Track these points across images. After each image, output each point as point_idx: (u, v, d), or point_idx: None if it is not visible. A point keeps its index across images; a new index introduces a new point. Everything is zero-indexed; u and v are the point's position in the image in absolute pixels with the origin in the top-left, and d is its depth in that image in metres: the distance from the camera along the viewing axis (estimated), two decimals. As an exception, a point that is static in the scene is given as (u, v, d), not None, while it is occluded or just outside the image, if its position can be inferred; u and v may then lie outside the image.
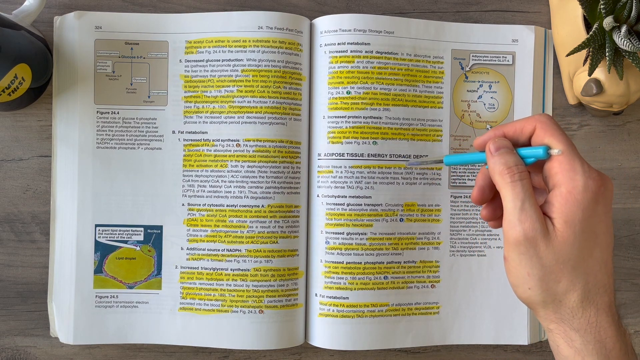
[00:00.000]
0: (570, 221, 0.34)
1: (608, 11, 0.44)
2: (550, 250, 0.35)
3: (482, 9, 0.53)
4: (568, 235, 0.34)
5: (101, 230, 0.50)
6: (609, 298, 0.35)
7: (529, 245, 0.35)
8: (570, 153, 0.36)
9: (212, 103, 0.50)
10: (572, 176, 0.35)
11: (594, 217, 0.35)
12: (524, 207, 0.35)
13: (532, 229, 0.35)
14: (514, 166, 0.36)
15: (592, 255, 0.35)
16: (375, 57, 0.50)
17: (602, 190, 0.35)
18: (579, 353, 0.35)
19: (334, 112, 0.49)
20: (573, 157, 0.36)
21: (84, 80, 0.50)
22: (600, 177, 0.35)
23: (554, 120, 0.37)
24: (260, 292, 0.49)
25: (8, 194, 0.51)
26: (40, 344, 0.51)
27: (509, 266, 0.36)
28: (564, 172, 0.35)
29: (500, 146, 0.37)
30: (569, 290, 0.35)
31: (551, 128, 0.36)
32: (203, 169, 0.50)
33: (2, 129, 0.51)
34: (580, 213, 0.34)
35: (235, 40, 0.49)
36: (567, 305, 0.35)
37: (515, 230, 0.35)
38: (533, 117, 0.38)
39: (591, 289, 0.35)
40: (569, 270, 0.35)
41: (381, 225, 0.50)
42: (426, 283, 0.51)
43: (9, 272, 0.51)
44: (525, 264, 0.35)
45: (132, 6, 0.52)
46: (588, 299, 0.35)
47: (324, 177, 0.50)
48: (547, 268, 0.35)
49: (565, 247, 0.34)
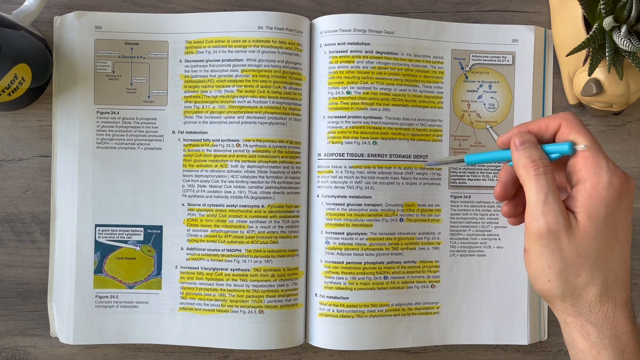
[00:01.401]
0: (593, 216, 0.35)
1: (608, 11, 0.44)
2: (572, 244, 0.35)
3: (482, 9, 0.53)
4: (591, 230, 0.35)
5: (101, 230, 0.50)
6: (626, 294, 0.35)
7: (552, 238, 0.35)
8: (596, 150, 0.36)
9: (212, 103, 0.50)
10: (597, 172, 0.35)
11: (616, 214, 0.35)
12: (547, 200, 0.35)
13: (555, 222, 0.35)
14: (539, 160, 0.36)
15: (613, 251, 0.35)
16: (375, 57, 0.50)
17: (626, 187, 0.35)
18: (595, 347, 0.35)
19: (334, 112, 0.49)
20: (598, 153, 0.36)
21: (84, 80, 0.50)
22: (624, 175, 0.36)
23: (579, 118, 0.38)
24: (260, 292, 0.49)
25: (8, 194, 0.51)
26: (40, 344, 0.51)
27: (530, 258, 0.37)
28: (588, 167, 0.36)
29: (525, 140, 0.38)
30: (589, 284, 0.35)
31: (576, 125, 0.37)
32: (203, 169, 0.50)
33: (2, 129, 0.51)
34: (603, 209, 0.35)
35: (235, 40, 0.49)
36: (586, 299, 0.35)
37: (539, 223, 0.35)
38: (558, 115, 0.38)
39: (610, 284, 0.35)
40: (590, 265, 0.35)
41: (381, 225, 0.50)
42: (426, 283, 0.51)
43: (9, 272, 0.51)
44: (547, 256, 0.36)
45: (132, 6, 0.52)
46: (607, 294, 0.35)
47: (324, 177, 0.50)
48: (568, 261, 0.35)
49: (587, 241, 0.35)
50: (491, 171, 0.52)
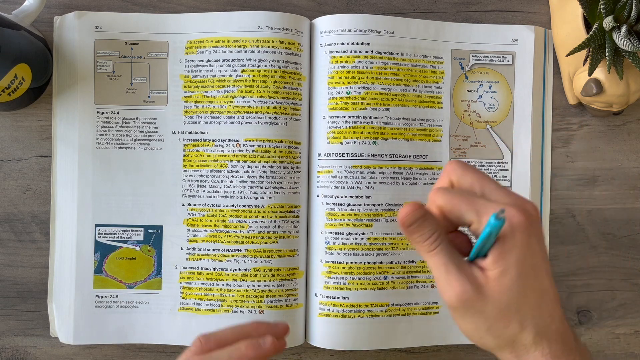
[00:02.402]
0: (503, 268, 0.33)
1: (608, 11, 0.44)
2: (490, 302, 0.34)
3: (482, 9, 0.53)
4: (504, 282, 0.33)
5: (101, 230, 0.50)
6: (557, 325, 0.34)
7: (467, 305, 0.34)
8: (486, 193, 0.35)
9: (212, 103, 0.50)
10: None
11: (527, 253, 0.34)
12: (448, 272, 0.34)
13: (463, 291, 0.34)
14: (429, 236, 0.34)
15: (533, 290, 0.34)
16: (375, 57, 0.50)
17: (529, 222, 0.33)
18: None
19: (334, 112, 0.49)
20: (489, 198, 0.34)
21: (84, 80, 0.50)
22: (522, 210, 0.33)
23: (463, 164, 0.36)
24: (260, 292, 0.49)
25: (8, 194, 0.51)
26: (40, 344, 0.51)
27: (457, 322, 0.36)
28: (483, 222, 0.34)
29: (411, 221, 0.35)
30: (520, 331, 0.34)
31: (461, 200, 0.34)
32: (203, 169, 0.50)
33: (2, 129, 0.51)
34: (512, 257, 0.33)
35: (235, 40, 0.49)
36: (522, 344, 0.34)
37: (449, 295, 0.34)
38: (445, 171, 0.36)
39: (539, 322, 0.34)
40: (514, 313, 0.34)
41: (381, 225, 0.50)
42: (426, 283, 0.51)
43: (9, 272, 0.51)
44: (469, 320, 0.35)
45: (132, 6, 0.52)
46: (539, 334, 0.34)
47: (324, 177, 0.50)
48: (492, 319, 0.34)
49: (504, 295, 0.34)
50: (491, 171, 0.52)
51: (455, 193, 0.35)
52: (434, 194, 0.35)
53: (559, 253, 0.53)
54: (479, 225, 0.34)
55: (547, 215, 0.53)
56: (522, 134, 0.52)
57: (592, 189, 0.53)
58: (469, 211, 0.34)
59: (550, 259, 0.53)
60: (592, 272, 0.53)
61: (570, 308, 0.53)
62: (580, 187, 0.53)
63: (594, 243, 0.53)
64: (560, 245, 0.53)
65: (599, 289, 0.53)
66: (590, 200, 0.53)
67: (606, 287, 0.53)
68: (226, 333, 0.40)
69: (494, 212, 0.32)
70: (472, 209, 0.34)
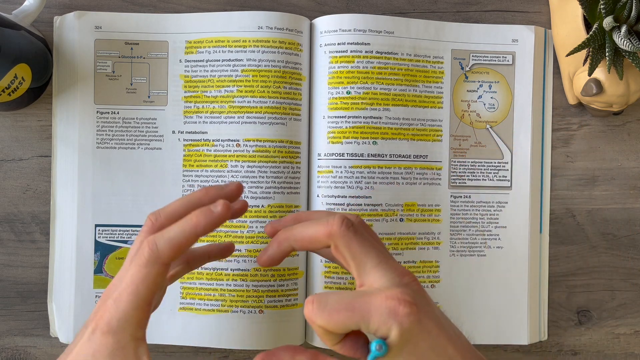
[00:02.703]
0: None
1: (608, 11, 0.44)
2: None
3: (482, 9, 0.53)
4: None
5: (101, 230, 0.50)
6: None
7: None
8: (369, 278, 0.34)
9: (212, 103, 0.50)
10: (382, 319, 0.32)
11: (426, 342, 0.32)
12: None
13: None
14: None
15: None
16: (375, 57, 0.50)
17: (416, 308, 0.32)
18: None
19: (334, 112, 0.49)
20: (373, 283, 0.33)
21: (83, 80, 0.50)
22: (404, 296, 0.32)
23: (350, 232, 0.34)
24: (260, 292, 0.49)
25: (8, 194, 0.51)
26: (40, 344, 0.51)
27: None
28: (373, 321, 0.32)
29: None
30: None
31: (340, 313, 0.32)
32: (203, 169, 0.50)
33: (2, 129, 0.51)
34: (415, 356, 0.32)
35: (235, 40, 0.49)
36: None
37: None
38: (325, 227, 0.35)
39: None
40: None
41: (381, 225, 0.50)
42: (426, 283, 0.51)
43: (9, 272, 0.51)
44: None
45: (132, 6, 0.52)
46: None
47: (324, 177, 0.50)
48: None
49: None
50: (491, 171, 0.52)
51: (332, 308, 0.32)
52: (311, 312, 0.33)
53: (559, 253, 0.53)
54: (371, 325, 0.32)
55: (547, 215, 0.53)
56: (522, 134, 0.52)
57: (592, 189, 0.53)
58: (352, 322, 0.32)
59: (550, 259, 0.53)
60: (592, 272, 0.53)
61: (570, 308, 0.53)
62: (580, 187, 0.53)
63: (594, 243, 0.53)
64: (560, 245, 0.53)
65: (599, 289, 0.53)
66: (590, 200, 0.53)
67: (606, 287, 0.53)
68: (176, 205, 0.38)
69: (377, 312, 0.31)
70: (355, 318, 0.32)
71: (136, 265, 0.35)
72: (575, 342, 0.53)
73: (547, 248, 0.53)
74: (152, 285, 0.35)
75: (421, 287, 0.34)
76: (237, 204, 0.39)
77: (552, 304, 0.53)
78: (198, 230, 0.35)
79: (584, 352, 0.53)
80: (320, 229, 0.35)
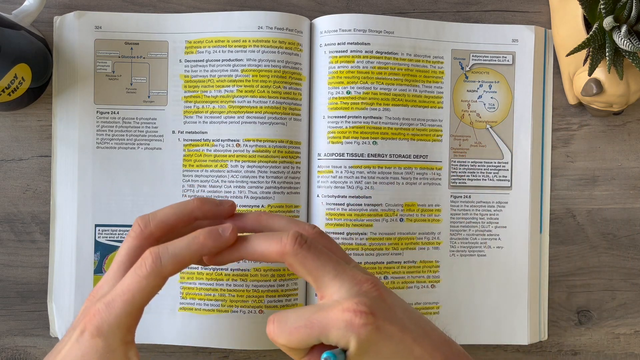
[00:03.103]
0: None
1: (608, 11, 0.44)
2: None
3: (482, 9, 0.53)
4: None
5: (101, 230, 0.50)
6: None
7: None
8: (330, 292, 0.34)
9: (212, 103, 0.50)
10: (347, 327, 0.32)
11: (387, 347, 0.32)
12: None
13: None
14: None
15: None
16: (375, 57, 0.50)
17: (372, 318, 0.32)
18: None
19: (334, 112, 0.49)
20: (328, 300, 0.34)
21: (83, 80, 0.50)
22: (361, 307, 0.32)
23: (303, 255, 0.34)
24: (260, 292, 0.49)
25: (8, 194, 0.51)
26: (40, 344, 0.51)
27: None
28: (332, 334, 0.32)
29: None
30: None
31: (299, 330, 0.33)
32: (203, 169, 0.50)
33: (2, 129, 0.51)
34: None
35: (235, 40, 0.49)
36: None
37: None
38: (280, 246, 0.35)
39: None
40: None
41: (381, 225, 0.50)
42: (426, 283, 0.51)
43: (9, 272, 0.51)
44: None
45: (132, 6, 0.52)
46: None
47: (324, 177, 0.50)
48: None
49: None
50: (491, 171, 0.52)
51: (291, 325, 0.33)
52: (272, 333, 0.34)
53: (559, 253, 0.53)
54: (331, 338, 0.32)
55: (547, 215, 0.53)
56: (522, 133, 0.52)
57: (592, 189, 0.53)
58: (313, 338, 0.33)
59: (550, 259, 0.53)
60: (592, 272, 0.53)
61: (570, 308, 0.53)
62: (580, 187, 0.53)
63: (594, 243, 0.53)
64: (560, 245, 0.53)
65: (599, 289, 0.53)
66: (590, 200, 0.53)
67: (606, 287, 0.53)
68: (166, 213, 0.38)
69: (335, 326, 0.32)
70: (314, 334, 0.32)
71: (136, 275, 0.35)
72: (575, 342, 0.53)
73: (547, 248, 0.53)
74: (149, 295, 0.35)
75: (382, 293, 0.34)
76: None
77: (552, 304, 0.53)
78: (204, 251, 0.36)
79: (584, 352, 0.53)
80: (272, 247, 0.35)
